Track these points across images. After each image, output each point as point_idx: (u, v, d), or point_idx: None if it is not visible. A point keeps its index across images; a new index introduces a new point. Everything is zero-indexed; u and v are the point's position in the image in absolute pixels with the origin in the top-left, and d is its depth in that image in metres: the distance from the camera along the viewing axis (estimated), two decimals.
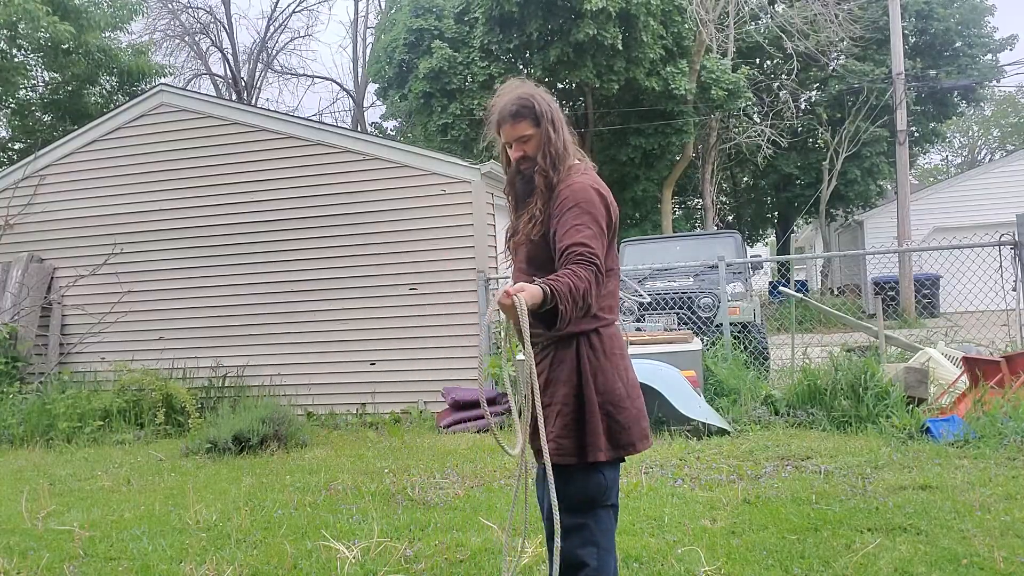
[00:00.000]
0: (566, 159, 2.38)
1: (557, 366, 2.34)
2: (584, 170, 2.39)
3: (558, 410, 2.32)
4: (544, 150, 2.35)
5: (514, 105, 2.36)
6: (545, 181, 2.34)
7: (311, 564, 3.44)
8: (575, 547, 2.29)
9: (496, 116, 2.40)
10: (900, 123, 16.00)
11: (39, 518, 4.30)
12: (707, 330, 8.01)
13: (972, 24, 21.96)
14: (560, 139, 2.36)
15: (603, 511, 2.36)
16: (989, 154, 43.73)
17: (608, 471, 2.36)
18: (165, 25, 26.41)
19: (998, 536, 3.30)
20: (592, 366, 2.34)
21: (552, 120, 2.37)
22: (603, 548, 2.34)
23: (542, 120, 2.35)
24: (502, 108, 2.39)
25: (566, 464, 2.29)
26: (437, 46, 16.90)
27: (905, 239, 15.58)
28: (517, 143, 2.37)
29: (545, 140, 2.35)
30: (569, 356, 2.34)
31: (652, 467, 4.89)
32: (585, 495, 2.33)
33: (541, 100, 2.37)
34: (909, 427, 5.39)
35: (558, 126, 2.38)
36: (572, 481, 2.30)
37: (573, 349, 2.34)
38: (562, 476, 2.28)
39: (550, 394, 2.33)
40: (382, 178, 7.92)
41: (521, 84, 2.43)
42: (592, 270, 2.12)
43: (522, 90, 2.39)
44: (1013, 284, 6.80)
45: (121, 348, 8.46)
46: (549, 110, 2.37)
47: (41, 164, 8.86)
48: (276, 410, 6.53)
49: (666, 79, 16.51)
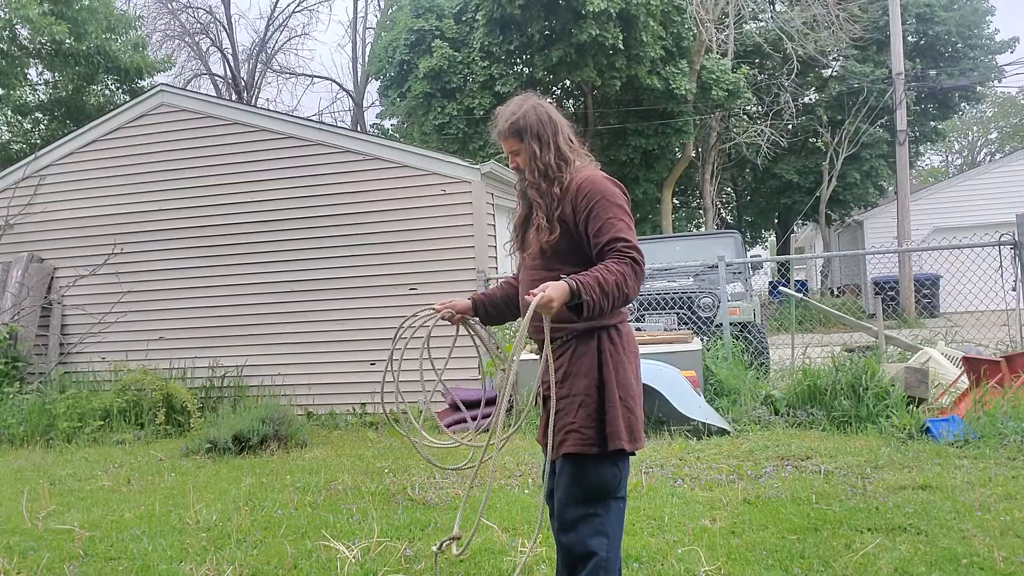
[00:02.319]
0: (563, 168, 2.42)
1: (577, 360, 2.40)
2: (588, 167, 2.46)
3: (580, 400, 2.37)
4: (531, 164, 2.44)
5: (504, 122, 2.49)
6: (538, 193, 2.42)
7: (311, 564, 3.44)
8: (585, 536, 2.34)
9: (495, 132, 2.56)
10: (900, 123, 16.00)
11: (39, 518, 4.30)
12: (707, 330, 8.01)
13: (973, 25, 21.97)
14: (549, 153, 2.42)
15: (614, 503, 2.41)
16: (989, 155, 43.75)
17: (622, 462, 2.42)
18: (165, 25, 26.43)
19: (998, 536, 3.30)
20: (613, 360, 2.41)
21: (537, 135, 2.43)
22: (612, 540, 2.38)
23: (524, 136, 2.44)
24: (496, 124, 2.54)
25: (588, 453, 2.35)
26: (438, 46, 16.91)
27: (905, 239, 15.57)
28: (511, 156, 2.52)
29: (531, 155, 2.43)
30: (590, 350, 2.40)
31: (652, 467, 4.89)
32: (601, 485, 2.38)
33: (525, 117, 2.45)
34: (909, 427, 5.39)
35: (545, 140, 2.43)
36: (590, 471, 2.36)
37: (594, 343, 2.41)
38: (581, 466, 2.36)
39: (569, 386, 2.40)
40: (382, 178, 7.92)
41: (517, 100, 2.53)
42: (628, 263, 2.20)
43: (512, 107, 2.49)
44: (1013, 284, 6.80)
45: (121, 348, 8.46)
46: (535, 125, 2.44)
47: (41, 164, 8.86)
48: (276, 410, 6.53)
49: (667, 79, 16.52)
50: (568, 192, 2.39)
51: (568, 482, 2.38)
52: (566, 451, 2.36)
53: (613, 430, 2.36)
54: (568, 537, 2.37)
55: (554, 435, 2.36)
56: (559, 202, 2.39)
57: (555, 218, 2.39)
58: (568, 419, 2.36)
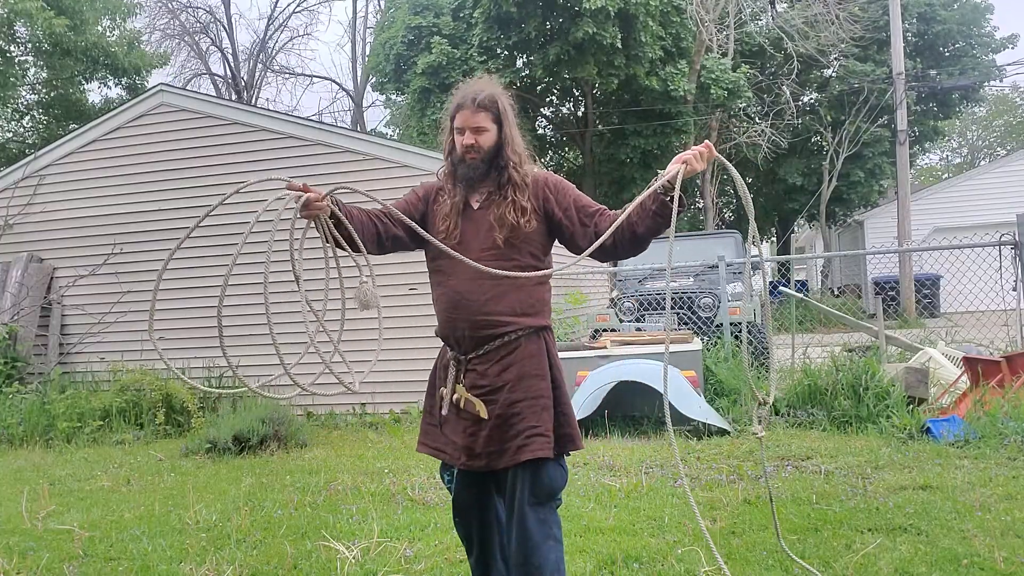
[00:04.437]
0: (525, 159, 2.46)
1: (528, 360, 2.34)
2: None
3: (542, 403, 2.32)
4: (512, 147, 2.42)
5: (481, 95, 2.39)
6: (519, 175, 2.40)
7: (311, 564, 3.43)
8: (540, 543, 2.29)
9: (457, 99, 2.42)
10: (900, 123, 16.00)
11: (39, 518, 4.29)
12: (707, 330, 8.01)
13: (973, 24, 21.96)
14: (520, 142, 2.46)
15: (557, 504, 2.40)
16: (987, 155, 43.77)
17: (564, 462, 2.42)
18: (165, 25, 26.43)
19: (998, 536, 3.30)
20: (556, 359, 2.42)
21: (511, 122, 2.44)
22: (559, 541, 2.36)
23: (504, 120, 2.42)
24: (467, 93, 2.41)
25: (549, 457, 2.30)
26: (436, 42, 16.92)
27: (905, 239, 15.57)
28: (472, 131, 2.39)
29: (510, 138, 2.42)
30: (539, 350, 2.37)
31: (652, 467, 4.89)
32: (557, 488, 2.36)
33: (504, 101, 2.44)
34: (909, 427, 5.39)
35: (515, 128, 2.46)
36: (549, 474, 2.32)
37: (541, 343, 2.39)
38: (541, 471, 2.30)
39: (525, 388, 2.31)
40: (382, 178, 7.91)
41: (488, 81, 2.49)
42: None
43: (490, 87, 2.45)
44: (1013, 284, 6.80)
45: (121, 348, 8.45)
46: (511, 112, 2.45)
47: (41, 164, 8.85)
48: (276, 410, 6.53)
49: (665, 79, 16.52)
50: (544, 183, 2.44)
51: (530, 489, 2.29)
52: (530, 456, 2.25)
53: (572, 432, 2.35)
54: (527, 547, 2.28)
55: (508, 440, 2.27)
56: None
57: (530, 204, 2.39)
58: (529, 423, 2.27)
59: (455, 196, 2.43)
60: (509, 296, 2.33)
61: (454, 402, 2.37)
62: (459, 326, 2.36)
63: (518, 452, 2.27)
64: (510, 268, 2.28)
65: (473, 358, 2.37)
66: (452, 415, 2.39)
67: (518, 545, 2.31)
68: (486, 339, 2.33)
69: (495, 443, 2.29)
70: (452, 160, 2.45)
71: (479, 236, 2.37)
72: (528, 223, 2.34)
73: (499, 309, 2.32)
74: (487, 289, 2.32)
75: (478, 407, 2.31)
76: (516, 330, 2.34)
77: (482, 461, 2.33)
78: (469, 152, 2.38)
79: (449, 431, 2.42)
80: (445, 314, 2.44)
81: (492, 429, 2.30)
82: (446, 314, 2.43)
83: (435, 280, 2.50)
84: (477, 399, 2.31)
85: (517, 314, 2.33)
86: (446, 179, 2.49)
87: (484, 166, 2.39)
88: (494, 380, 2.32)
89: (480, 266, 2.21)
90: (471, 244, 2.36)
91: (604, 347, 6.61)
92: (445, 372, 2.46)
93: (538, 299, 2.42)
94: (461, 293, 2.35)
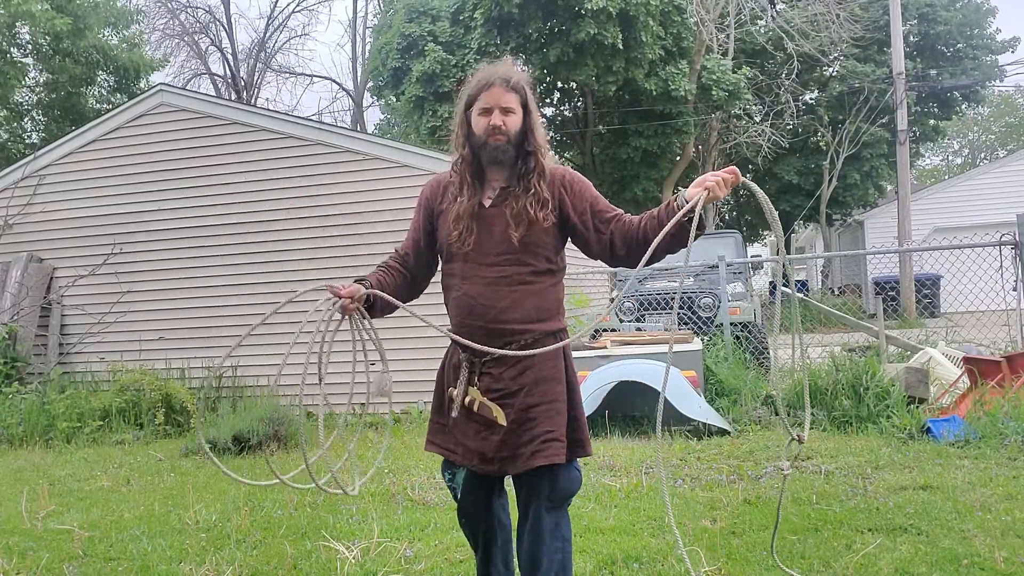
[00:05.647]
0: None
1: (545, 362, 2.29)
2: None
3: (558, 408, 2.28)
4: (536, 133, 2.31)
5: (513, 76, 2.28)
6: (539, 165, 2.30)
7: (311, 565, 3.43)
8: (554, 546, 2.28)
9: (486, 77, 2.28)
10: (900, 123, 16.00)
11: (39, 518, 4.29)
12: (707, 330, 8.01)
13: (974, 25, 21.96)
14: (541, 131, 2.37)
15: (568, 505, 2.39)
16: (987, 156, 43.77)
17: (578, 464, 2.40)
18: (164, 24, 26.43)
19: (999, 536, 3.30)
20: (572, 362, 2.38)
21: (535, 111, 2.37)
22: (568, 541, 2.35)
23: (530, 107, 2.33)
24: (496, 72, 2.29)
25: (562, 462, 2.27)
26: (430, 48, 16.90)
27: (905, 239, 15.57)
28: (500, 111, 2.26)
29: (534, 125, 2.32)
30: (556, 352, 2.31)
31: (652, 467, 4.88)
32: (570, 491, 2.34)
33: (531, 88, 2.37)
34: (910, 427, 5.38)
35: (538, 118, 2.39)
36: (561, 478, 2.29)
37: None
38: (557, 475, 2.27)
39: (542, 392, 2.27)
40: (382, 178, 7.90)
41: (511, 65, 2.41)
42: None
43: (518, 72, 2.36)
44: (1013, 284, 6.80)
45: (120, 348, 8.45)
46: (534, 101, 2.38)
47: (41, 164, 8.85)
48: (276, 410, 6.52)
49: (665, 80, 16.51)
50: (560, 178, 2.35)
51: (547, 494, 2.27)
52: (545, 462, 2.22)
53: (583, 437, 2.32)
54: (539, 549, 2.27)
55: (522, 445, 2.23)
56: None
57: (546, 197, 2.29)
58: (544, 427, 2.23)
59: (470, 196, 2.30)
60: (526, 302, 2.25)
61: (466, 404, 2.30)
62: (474, 333, 2.27)
63: (532, 457, 2.22)
64: (526, 273, 2.22)
65: (488, 361, 2.28)
66: (462, 417, 2.32)
67: (530, 546, 2.30)
68: (502, 346, 2.25)
69: (509, 448, 2.24)
70: (472, 145, 2.29)
71: (493, 239, 2.27)
72: (546, 218, 2.25)
73: (516, 316, 2.25)
74: (504, 296, 2.24)
75: (495, 412, 2.23)
76: (532, 336, 2.28)
77: (495, 466, 2.28)
78: (495, 134, 2.24)
79: (459, 433, 2.34)
80: (459, 320, 2.34)
81: (506, 434, 2.24)
82: (460, 320, 2.33)
83: (448, 284, 2.40)
84: (494, 404, 2.24)
85: (533, 320, 2.27)
86: (461, 170, 2.32)
87: (512, 150, 2.26)
88: (509, 384, 2.25)
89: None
90: (486, 249, 2.28)
91: (604, 347, 6.61)
92: (455, 372, 2.36)
93: (554, 301, 2.35)
94: (476, 299, 2.27)
